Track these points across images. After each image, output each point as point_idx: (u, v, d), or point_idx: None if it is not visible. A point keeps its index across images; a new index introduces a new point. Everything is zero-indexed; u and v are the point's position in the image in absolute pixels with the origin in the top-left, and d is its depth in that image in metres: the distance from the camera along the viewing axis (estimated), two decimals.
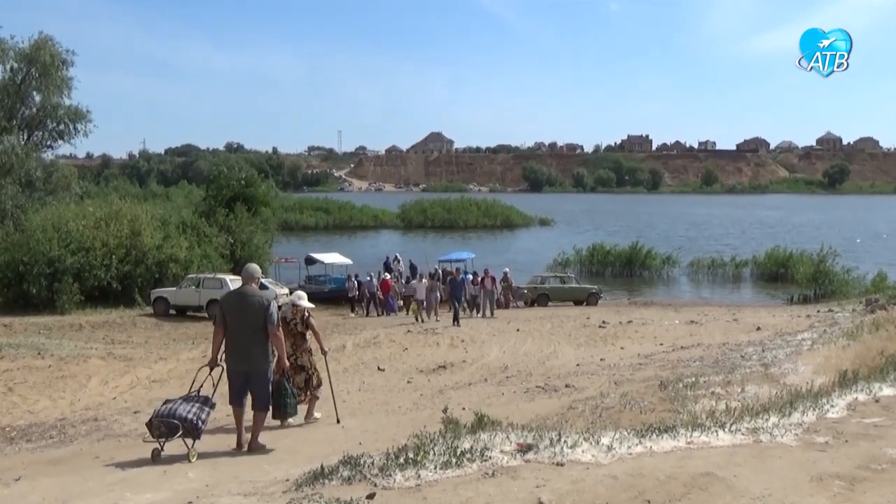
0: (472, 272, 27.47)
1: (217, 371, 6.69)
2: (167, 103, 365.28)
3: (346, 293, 27.27)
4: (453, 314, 20.74)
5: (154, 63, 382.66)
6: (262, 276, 7.71)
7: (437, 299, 22.97)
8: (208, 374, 6.65)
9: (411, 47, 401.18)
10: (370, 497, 3.78)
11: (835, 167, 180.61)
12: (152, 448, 6.24)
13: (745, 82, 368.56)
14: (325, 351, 8.37)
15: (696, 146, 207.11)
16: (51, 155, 32.02)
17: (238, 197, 33.22)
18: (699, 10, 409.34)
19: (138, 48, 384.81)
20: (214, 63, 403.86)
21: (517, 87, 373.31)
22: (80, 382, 12.30)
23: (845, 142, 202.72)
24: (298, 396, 7.88)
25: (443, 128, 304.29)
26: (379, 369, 13.48)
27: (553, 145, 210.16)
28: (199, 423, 6.30)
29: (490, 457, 4.31)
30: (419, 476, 4.06)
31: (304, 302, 8.34)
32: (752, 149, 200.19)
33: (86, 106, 30.47)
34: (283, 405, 7.13)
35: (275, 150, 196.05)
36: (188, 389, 6.73)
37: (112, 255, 24.97)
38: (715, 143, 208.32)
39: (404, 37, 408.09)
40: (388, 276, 27.47)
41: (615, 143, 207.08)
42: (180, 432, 6.19)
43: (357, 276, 28.12)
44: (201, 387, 6.58)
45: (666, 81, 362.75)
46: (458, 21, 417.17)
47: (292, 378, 7.82)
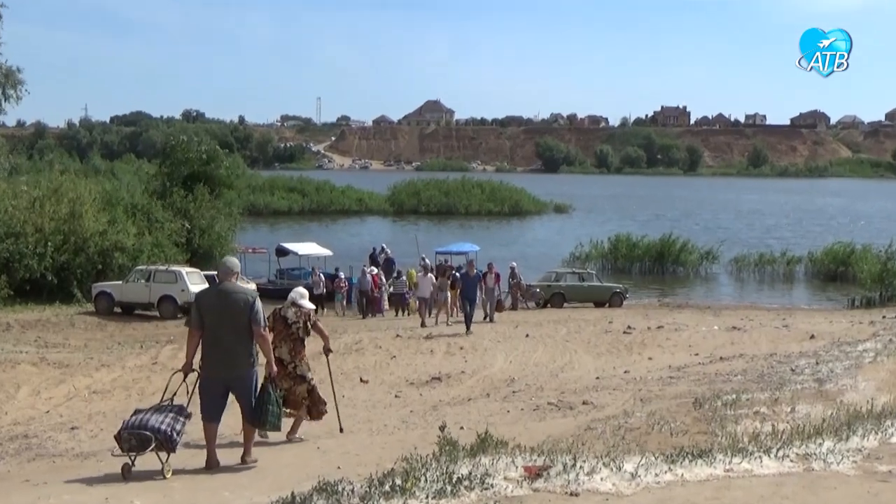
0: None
1: (192, 377, 6.90)
2: (113, 63, 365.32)
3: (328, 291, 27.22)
4: (465, 319, 19.95)
5: (98, 15, 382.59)
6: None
7: (446, 299, 22.87)
8: (182, 380, 6.85)
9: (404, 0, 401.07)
10: None
11: None
12: (122, 463, 6.44)
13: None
14: (330, 350, 8.72)
15: (741, 120, 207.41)
16: None
17: (197, 175, 33.17)
18: None
19: None
20: (169, 16, 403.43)
21: (530, 50, 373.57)
22: (8, 393, 12.29)
23: None
24: (298, 410, 8.16)
25: (441, 95, 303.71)
26: (362, 381, 13.48)
27: (572, 118, 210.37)
28: (175, 434, 6.53)
29: (492, 484, 4.33)
30: None
31: (307, 302, 8.49)
32: (810, 124, 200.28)
33: (16, 66, 30.31)
34: (264, 413, 7.12)
35: (241, 119, 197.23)
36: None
37: (47, 242, 24.81)
38: (765, 116, 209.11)
39: None
40: (376, 271, 27.47)
41: (646, 116, 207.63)
42: (153, 445, 6.39)
43: (338, 269, 28.12)
44: (174, 395, 6.77)
45: (707, 43, 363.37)
46: None
47: (293, 390, 8.07)
